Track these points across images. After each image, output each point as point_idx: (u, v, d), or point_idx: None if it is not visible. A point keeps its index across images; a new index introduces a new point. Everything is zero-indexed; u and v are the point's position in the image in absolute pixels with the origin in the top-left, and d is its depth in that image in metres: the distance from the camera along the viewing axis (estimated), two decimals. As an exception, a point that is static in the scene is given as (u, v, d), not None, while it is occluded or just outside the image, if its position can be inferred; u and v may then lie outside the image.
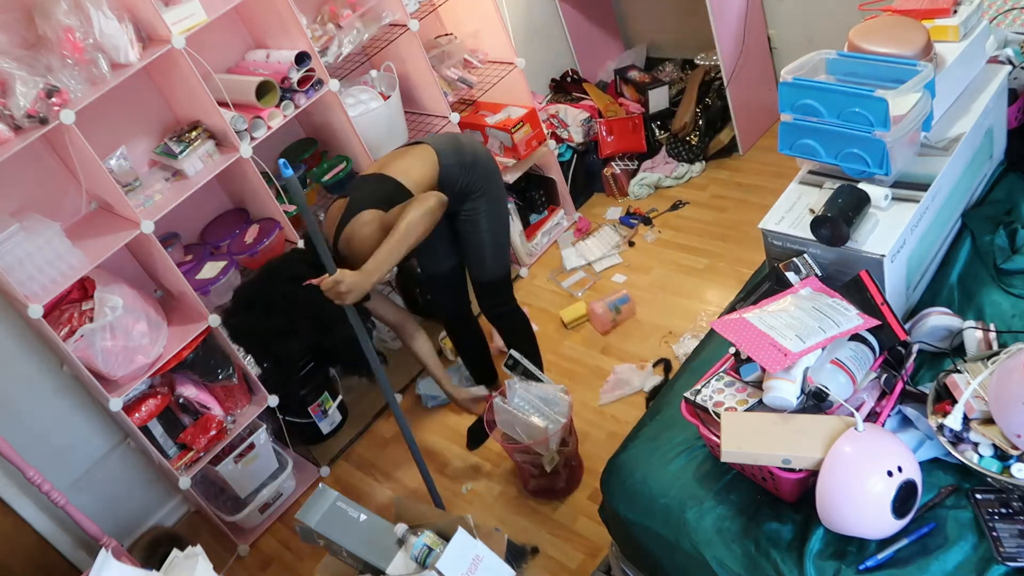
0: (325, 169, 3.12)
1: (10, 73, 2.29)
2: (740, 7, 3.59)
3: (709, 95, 3.85)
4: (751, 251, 3.31)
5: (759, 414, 1.64)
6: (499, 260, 2.67)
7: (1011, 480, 1.47)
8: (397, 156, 2.55)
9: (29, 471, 2.44)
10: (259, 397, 2.99)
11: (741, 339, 1.66)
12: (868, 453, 1.49)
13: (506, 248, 2.71)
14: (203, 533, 3.13)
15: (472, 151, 2.57)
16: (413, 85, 3.36)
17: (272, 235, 2.89)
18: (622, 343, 3.22)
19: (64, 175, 2.69)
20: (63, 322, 2.52)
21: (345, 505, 1.98)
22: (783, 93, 1.91)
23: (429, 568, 1.81)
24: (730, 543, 1.65)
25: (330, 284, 2.15)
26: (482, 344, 3.02)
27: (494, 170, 2.62)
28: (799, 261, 1.85)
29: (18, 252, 2.38)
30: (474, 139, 2.74)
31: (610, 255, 3.65)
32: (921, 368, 1.79)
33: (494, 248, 2.64)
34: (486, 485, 2.91)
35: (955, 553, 1.47)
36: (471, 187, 2.53)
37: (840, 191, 1.82)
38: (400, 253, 2.25)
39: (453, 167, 2.49)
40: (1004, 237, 1.96)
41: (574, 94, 4.10)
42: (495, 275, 2.69)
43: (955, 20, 1.99)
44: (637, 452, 1.95)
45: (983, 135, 2.05)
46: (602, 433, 2.90)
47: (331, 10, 3.07)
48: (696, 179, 3.90)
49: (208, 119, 2.74)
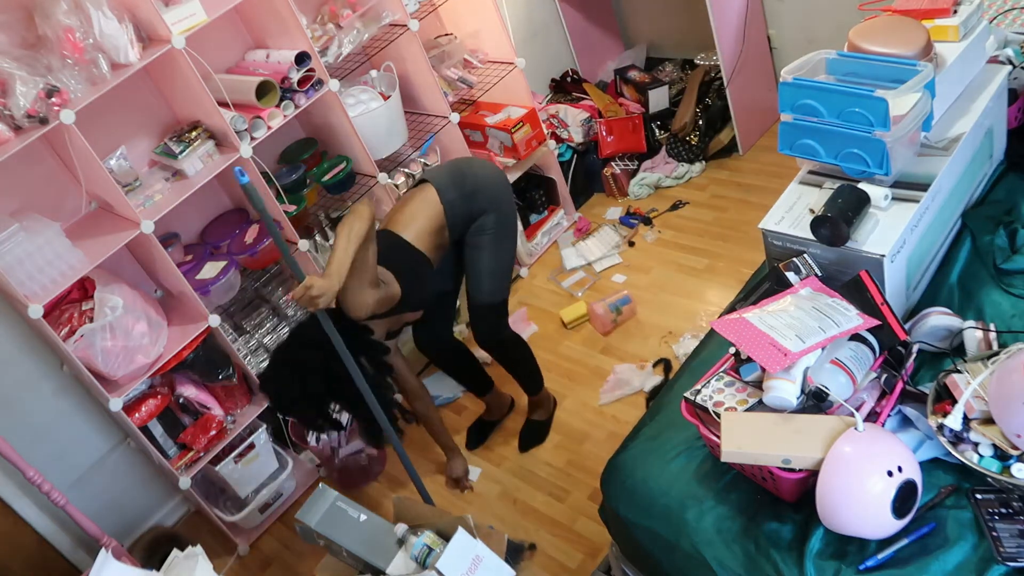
0: (325, 169, 3.12)
1: (10, 73, 2.29)
2: (740, 7, 3.59)
3: (709, 95, 3.85)
4: (751, 251, 3.31)
5: (759, 414, 1.64)
6: (498, 284, 2.68)
7: (1011, 480, 1.47)
8: (402, 205, 2.60)
9: (29, 471, 2.44)
10: (259, 397, 2.98)
11: (741, 339, 1.66)
12: (868, 453, 1.49)
13: (508, 274, 2.71)
14: (203, 533, 3.13)
15: (474, 179, 2.60)
16: (413, 85, 3.36)
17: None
18: (622, 343, 3.22)
19: (64, 175, 2.69)
20: (63, 322, 2.52)
21: (345, 505, 1.99)
22: (783, 93, 1.91)
23: (429, 568, 1.81)
24: (730, 543, 1.65)
25: (300, 291, 2.15)
26: (468, 356, 3.00)
27: (501, 192, 2.64)
28: (799, 261, 1.85)
29: (18, 252, 2.38)
30: (475, 163, 2.74)
31: (610, 255, 3.65)
32: (921, 368, 1.78)
33: (494, 269, 2.65)
34: (486, 485, 2.91)
35: (955, 553, 1.47)
36: (475, 212, 2.58)
37: (840, 191, 1.82)
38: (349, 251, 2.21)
39: (454, 201, 2.56)
40: (1004, 237, 1.96)
41: (574, 94, 4.10)
42: (491, 298, 2.68)
43: (955, 20, 1.99)
44: (637, 452, 1.94)
45: (983, 135, 2.04)
46: (602, 433, 2.90)
47: (331, 10, 3.07)
48: (696, 179, 3.90)
49: (208, 119, 2.74)
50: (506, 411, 3.12)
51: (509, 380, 2.97)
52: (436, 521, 1.94)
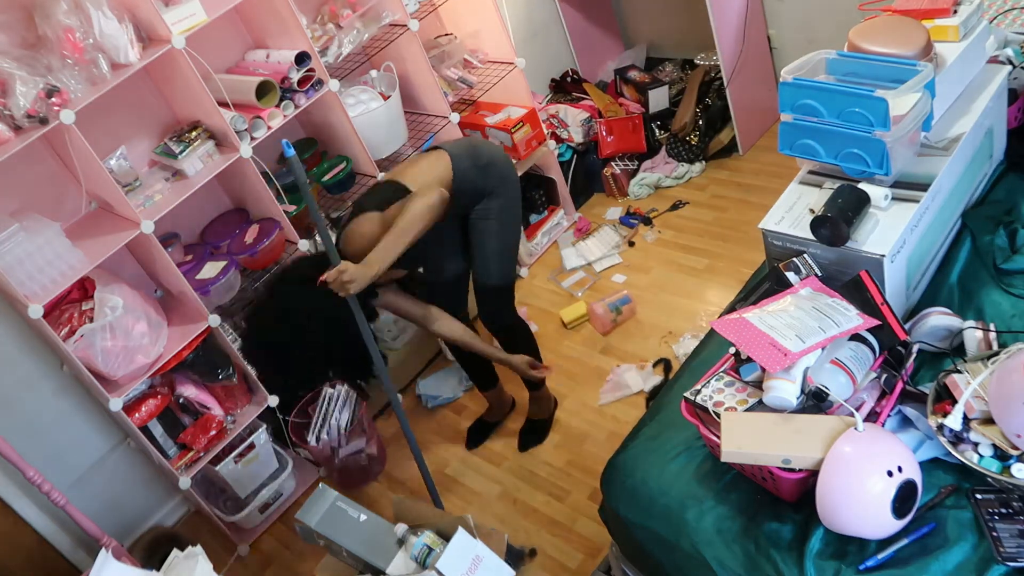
0: (325, 169, 3.12)
1: (10, 73, 2.29)
2: (740, 7, 3.59)
3: (709, 95, 3.85)
4: (751, 251, 3.31)
5: (759, 414, 1.64)
6: (505, 266, 2.68)
7: (1011, 480, 1.47)
8: (411, 163, 2.60)
9: (29, 471, 2.44)
10: (259, 397, 2.98)
11: (741, 339, 1.66)
12: (868, 453, 1.49)
13: (514, 256, 2.71)
14: (203, 533, 3.13)
15: (489, 154, 2.60)
16: (413, 85, 3.36)
17: (272, 235, 2.89)
18: (622, 343, 3.22)
19: (64, 175, 2.69)
20: (63, 322, 2.52)
21: (345, 505, 1.98)
22: (783, 93, 1.91)
23: (429, 568, 1.80)
24: (730, 543, 1.65)
25: (334, 275, 2.20)
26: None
27: (511, 174, 2.63)
28: (799, 261, 1.85)
29: (18, 252, 2.38)
30: (493, 144, 2.76)
31: (610, 255, 3.65)
32: (921, 368, 1.79)
33: (502, 251, 2.64)
34: (486, 485, 2.91)
35: (955, 553, 1.47)
36: (486, 188, 2.56)
37: (840, 191, 1.82)
38: (401, 246, 2.29)
39: (468, 169, 2.52)
40: (1004, 237, 1.96)
41: (574, 94, 4.11)
42: (499, 280, 2.68)
43: (955, 20, 1.99)
44: (637, 452, 1.95)
45: (983, 135, 2.04)
46: (602, 433, 2.90)
47: (331, 10, 3.07)
48: (696, 179, 3.90)
49: (208, 119, 2.74)
50: (507, 412, 3.11)
51: (510, 378, 2.97)
52: (436, 521, 1.94)
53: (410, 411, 3.31)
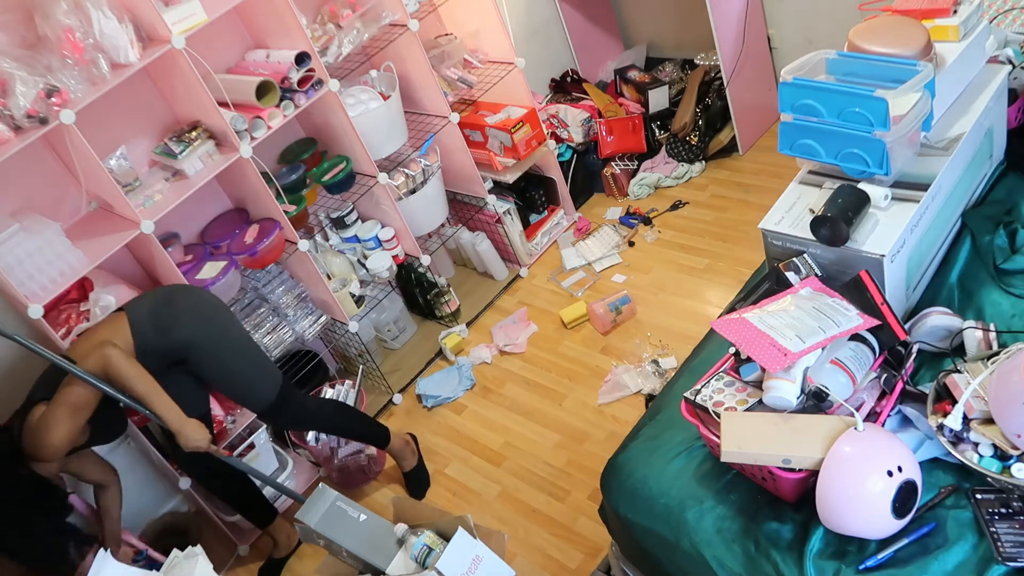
0: (325, 169, 3.12)
1: (10, 73, 2.29)
2: (740, 7, 3.59)
3: (709, 95, 3.85)
4: (751, 251, 3.31)
5: (759, 414, 1.64)
6: (267, 378, 2.56)
7: (1011, 480, 1.47)
8: (90, 333, 2.37)
9: (29, 471, 2.44)
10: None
11: (741, 339, 1.66)
12: (868, 453, 1.49)
13: (264, 363, 2.58)
14: (203, 533, 3.13)
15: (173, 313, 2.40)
16: (413, 85, 3.36)
17: (272, 235, 2.89)
18: (622, 343, 3.22)
19: (64, 175, 2.69)
20: (60, 322, 2.52)
21: (345, 505, 1.98)
22: (783, 93, 1.91)
23: (429, 568, 1.81)
24: (730, 543, 1.65)
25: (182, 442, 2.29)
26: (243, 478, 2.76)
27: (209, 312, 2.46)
28: (799, 261, 1.86)
29: (18, 252, 2.38)
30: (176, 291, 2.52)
31: (610, 255, 3.65)
32: (921, 368, 1.79)
33: (247, 370, 2.52)
34: (486, 485, 2.91)
35: (955, 553, 1.47)
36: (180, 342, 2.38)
37: (840, 191, 1.82)
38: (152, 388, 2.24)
39: (147, 333, 2.34)
40: (1004, 237, 1.96)
41: (574, 94, 4.10)
42: (271, 393, 2.55)
43: (955, 20, 1.99)
44: (637, 452, 1.95)
45: (983, 135, 2.04)
46: (602, 433, 2.90)
47: (331, 10, 3.07)
48: (696, 179, 3.90)
49: (208, 119, 2.74)
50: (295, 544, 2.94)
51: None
52: (436, 521, 1.94)
53: (410, 411, 3.31)
